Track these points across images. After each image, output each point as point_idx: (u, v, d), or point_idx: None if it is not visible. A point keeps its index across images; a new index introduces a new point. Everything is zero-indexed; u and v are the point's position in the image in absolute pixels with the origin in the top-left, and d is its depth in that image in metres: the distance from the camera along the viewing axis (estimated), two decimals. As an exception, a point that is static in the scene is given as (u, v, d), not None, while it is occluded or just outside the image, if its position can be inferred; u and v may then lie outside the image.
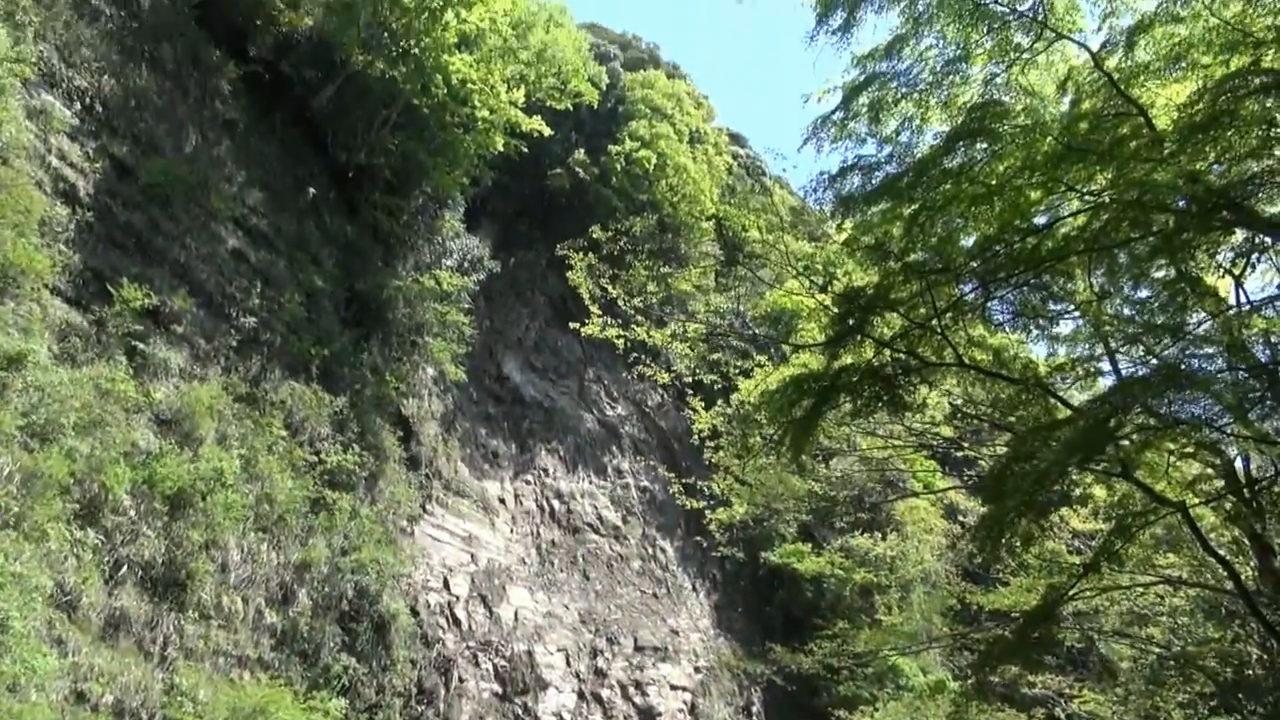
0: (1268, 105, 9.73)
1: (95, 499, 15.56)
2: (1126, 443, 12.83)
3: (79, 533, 14.94)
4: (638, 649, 31.52)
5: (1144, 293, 13.88)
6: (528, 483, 33.10)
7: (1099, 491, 21.49)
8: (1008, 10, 11.74)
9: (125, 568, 15.81)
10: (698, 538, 36.12)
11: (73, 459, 15.13)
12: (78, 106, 20.11)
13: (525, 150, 33.79)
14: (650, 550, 36.24)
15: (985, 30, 12.16)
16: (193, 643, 16.88)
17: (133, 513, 16.26)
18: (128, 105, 21.40)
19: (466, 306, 30.03)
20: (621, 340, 22.15)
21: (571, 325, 25.01)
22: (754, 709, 34.56)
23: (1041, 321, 14.74)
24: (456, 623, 25.69)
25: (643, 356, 25.10)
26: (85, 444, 15.64)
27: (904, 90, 13.15)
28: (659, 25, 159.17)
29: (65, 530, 14.60)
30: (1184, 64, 11.02)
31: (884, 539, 36.30)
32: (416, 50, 29.03)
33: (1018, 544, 14.30)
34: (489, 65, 30.79)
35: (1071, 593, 16.66)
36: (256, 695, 16.14)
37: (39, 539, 13.87)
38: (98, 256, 18.89)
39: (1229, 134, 9.96)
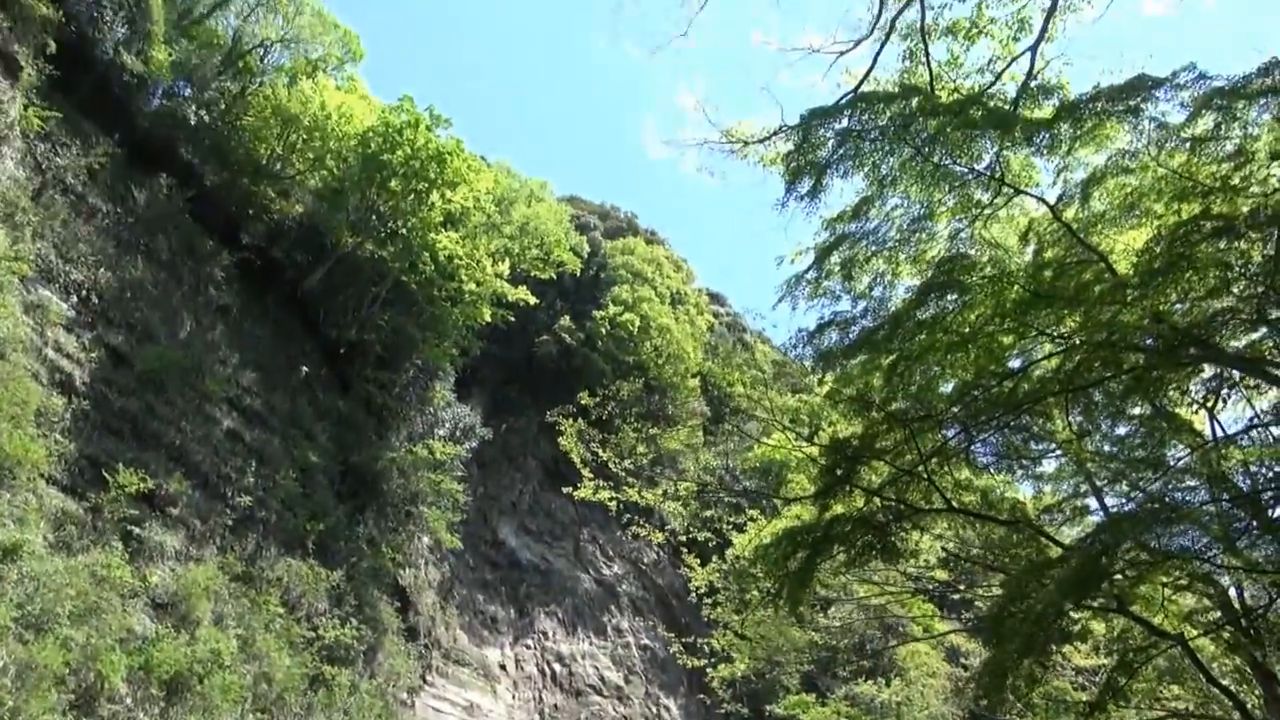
0: (1220, 248, 10.27)
1: (91, 688, 15.39)
2: (1120, 578, 12.96)
3: (74, 725, 14.79)
4: (647, 817, 30.58)
5: (1122, 429, 14.21)
6: (528, 647, 32.65)
7: (1098, 626, 21.40)
8: (966, 170, 12.40)
9: (121, 759, 15.56)
10: (701, 695, 35.41)
11: (68, 648, 15.04)
12: (74, 299, 20.69)
13: (512, 319, 34.60)
14: (654, 710, 35.49)
15: (947, 189, 12.80)
16: (188, 836, 16.45)
17: (129, 700, 16.07)
18: (123, 296, 22.00)
19: (460, 474, 30.23)
20: (614, 502, 22.30)
21: (565, 490, 25.17)
22: None
23: (1025, 462, 14.98)
24: (460, 799, 25.02)
25: (636, 516, 25.17)
26: (80, 633, 15.55)
27: (874, 248, 13.75)
28: (635, 194, 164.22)
29: (60, 722, 14.44)
30: (1138, 212, 11.63)
31: (888, 685, 35.60)
32: (404, 230, 30.05)
33: (1022, 686, 14.24)
34: (474, 241, 31.83)
35: (1080, 732, 16.45)
36: None
37: (33, 734, 13.71)
38: (93, 444, 19.13)
39: (1188, 276, 10.46)
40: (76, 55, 24.00)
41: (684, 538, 25.99)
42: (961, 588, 21.54)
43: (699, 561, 25.19)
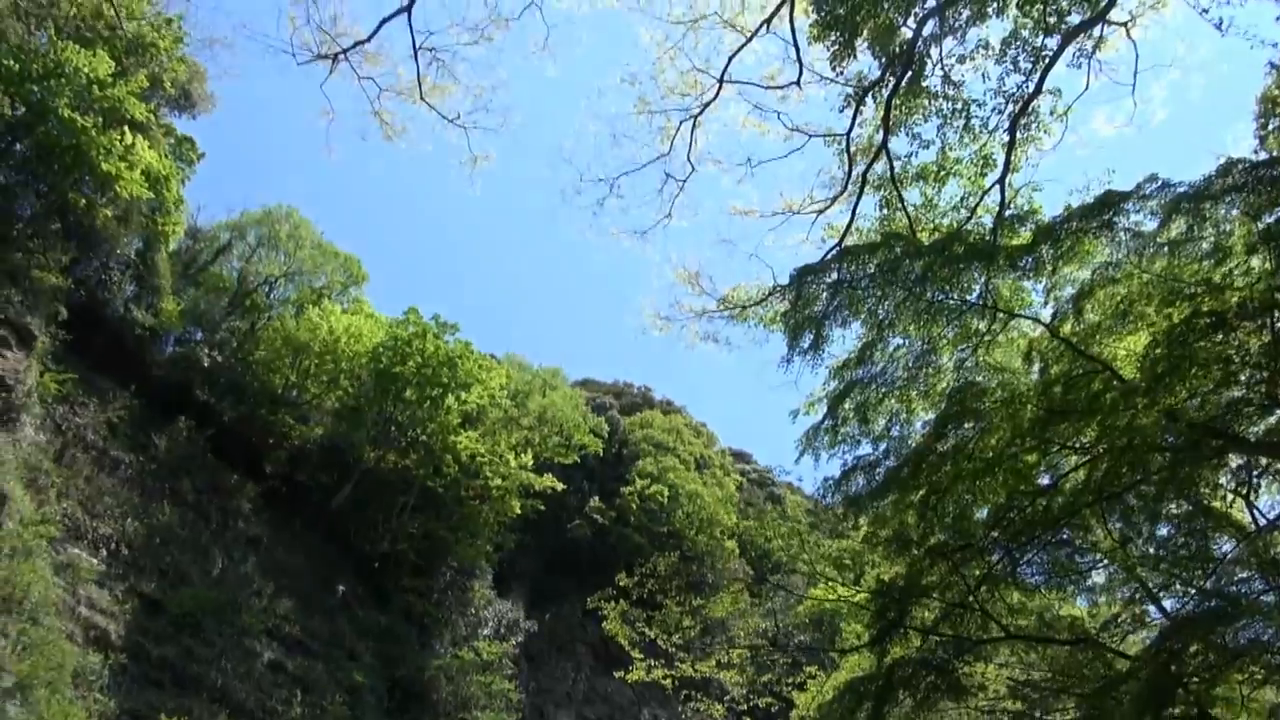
0: (1218, 341, 10.43)
1: None
2: (1195, 683, 12.63)
3: None
4: None
5: (1163, 530, 14.06)
6: None
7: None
8: (959, 302, 12.69)
9: None
10: None
11: None
12: (104, 553, 20.89)
13: (543, 508, 34.64)
14: None
15: (944, 323, 13.08)
16: None
17: None
18: (152, 542, 22.22)
19: (509, 672, 29.76)
20: (669, 679, 21.85)
21: (617, 674, 24.71)
22: None
23: (1073, 576, 14.79)
24: None
25: (693, 691, 24.57)
26: None
27: (884, 389, 13.94)
28: (646, 369, 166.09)
29: None
30: (1131, 318, 11.83)
31: (985, 834, 33.96)
32: (424, 437, 30.49)
33: (1129, 814, 13.69)
34: (494, 437, 32.22)
35: None
36: None
37: None
38: (133, 697, 19.04)
39: (1193, 373, 10.60)
40: (88, 317, 24.95)
41: (745, 706, 25.30)
42: (1037, 715, 20.85)
43: (765, 728, 24.46)
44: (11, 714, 15.34)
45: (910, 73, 14.50)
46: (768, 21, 15.57)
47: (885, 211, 16.06)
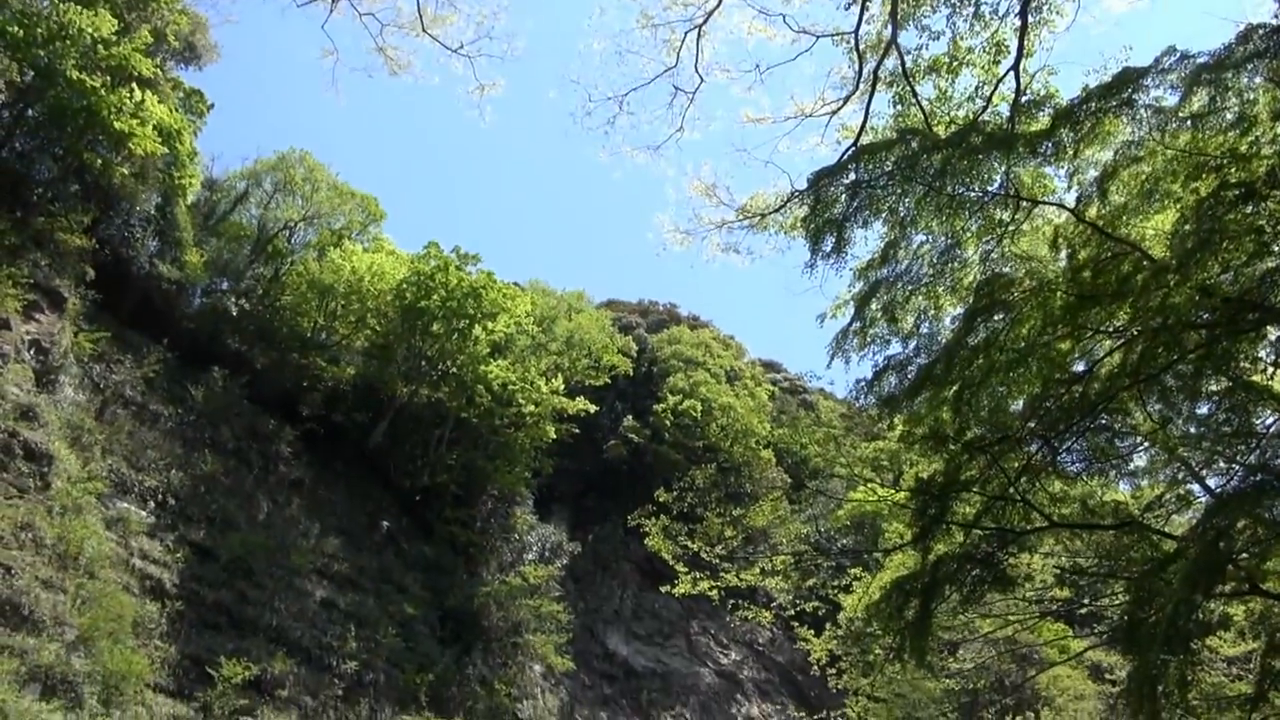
0: (1248, 214, 10.15)
1: None
2: (1244, 557, 12.56)
3: None
4: None
5: (1203, 408, 13.88)
6: (663, 757, 32.12)
7: (1236, 611, 20.62)
8: (980, 194, 12.40)
9: None
10: (849, 768, 34.43)
11: None
12: (151, 505, 21.20)
13: (578, 431, 34.80)
14: (803, 793, 34.56)
15: (967, 216, 12.80)
16: None
17: None
18: (198, 491, 22.52)
19: (557, 594, 30.19)
20: (715, 590, 22.04)
21: (663, 589, 24.99)
22: None
23: (1114, 461, 14.66)
24: None
25: (740, 600, 24.84)
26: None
27: (910, 287, 13.71)
28: (670, 286, 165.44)
29: None
30: (1157, 196, 11.53)
31: (1038, 718, 34.43)
32: (454, 369, 30.57)
33: (1175, 691, 13.72)
34: (524, 364, 32.29)
35: (1251, 726, 15.73)
36: None
37: None
38: (192, 642, 19.44)
39: (1224, 247, 10.33)
40: (115, 275, 25.06)
41: (792, 611, 25.55)
42: (1086, 601, 20.90)
43: (813, 632, 24.73)
44: (76, 666, 15.73)
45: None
46: (767, -82, 15.09)
47: (899, 108, 15.64)
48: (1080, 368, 13.54)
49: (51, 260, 22.40)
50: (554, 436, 33.25)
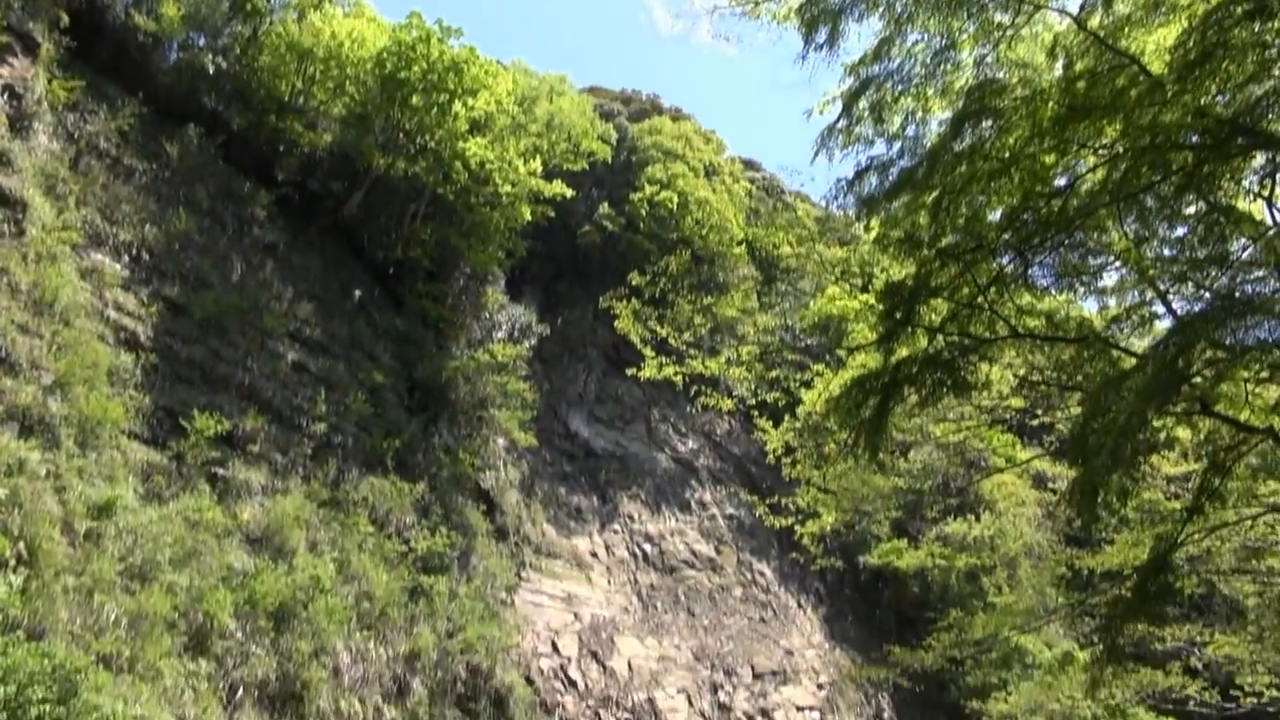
0: (1256, 30, 9.90)
1: (201, 628, 16.11)
2: (1200, 379, 12.86)
3: (191, 664, 15.50)
4: (756, 676, 31.55)
5: (1180, 230, 13.94)
6: (615, 532, 33.46)
7: (1184, 433, 21.28)
8: (981, -7, 12.06)
9: (241, 690, 16.28)
10: (793, 554, 36.16)
11: (174, 594, 15.71)
12: (126, 259, 21.06)
13: (553, 214, 34.58)
14: (749, 576, 36.33)
15: (965, 17, 12.45)
16: (318, 752, 17.28)
17: (239, 634, 16.79)
18: (172, 248, 22.36)
19: (524, 373, 30.65)
20: (679, 376, 22.44)
21: (629, 371, 25.41)
22: (885, 715, 34.32)
23: (1085, 278, 14.80)
24: (572, 684, 26.00)
25: (703, 388, 25.35)
26: (183, 576, 16.23)
27: (900, 87, 13.44)
28: (654, 76, 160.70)
29: (177, 664, 15.14)
30: (1164, 8, 11.22)
31: (978, 520, 36.03)
32: (432, 144, 29.98)
33: (1114, 501, 14.27)
34: (503, 143, 31.70)
35: (1180, 539, 16.48)
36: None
37: (154, 678, 14.39)
38: (166, 394, 19.72)
39: (1224, 65, 10.13)
40: (90, 23, 24.07)
41: (753, 402, 26.15)
42: (1039, 413, 21.51)
43: (771, 423, 25.34)
44: (53, 408, 15.96)
45: None
46: None
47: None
48: (1062, 182, 13.48)
49: (24, 3, 21.40)
50: (529, 218, 33.02)
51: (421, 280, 31.24)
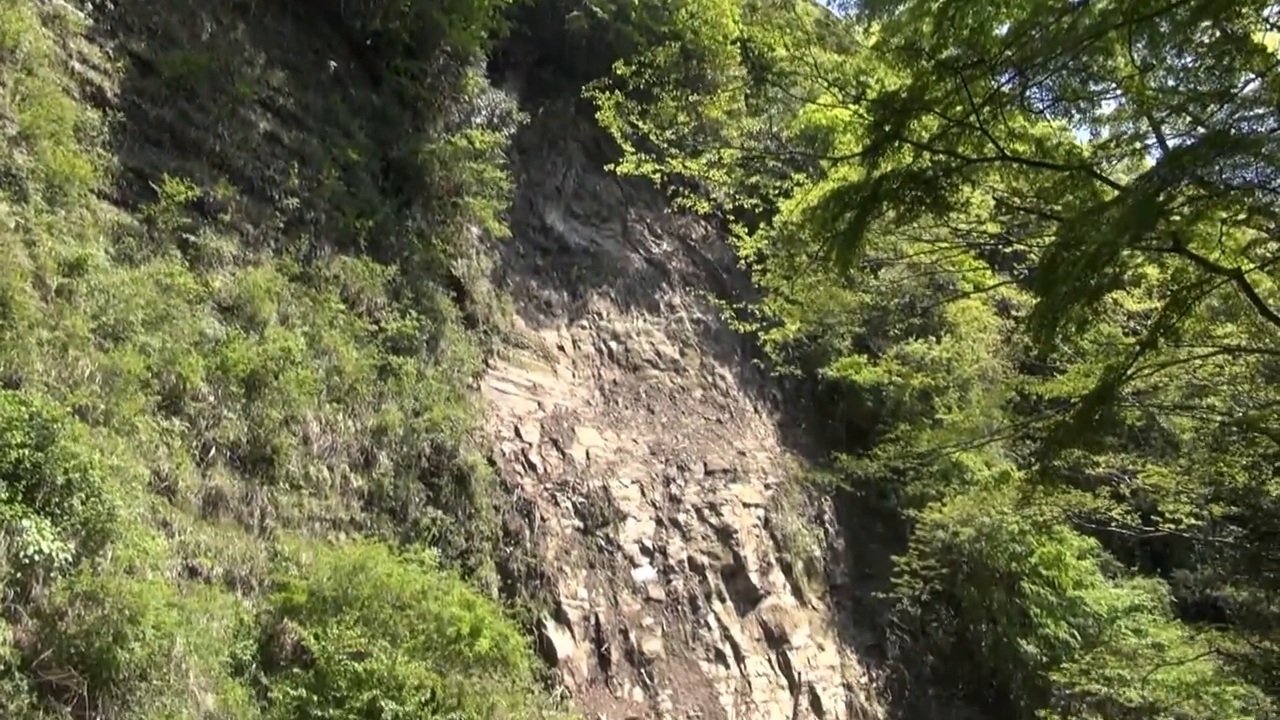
0: None
1: (174, 389, 16.25)
2: (1177, 216, 12.82)
3: (165, 422, 15.75)
4: (708, 473, 32.43)
5: (1188, 60, 13.59)
6: (583, 327, 33.64)
7: (1151, 271, 21.43)
8: None
9: (214, 450, 16.63)
10: (755, 361, 36.66)
11: (147, 354, 15.72)
12: (90, 6, 19.99)
13: (540, -5, 33.16)
14: (710, 379, 36.88)
15: None
16: (288, 512, 17.81)
17: (212, 398, 16.97)
18: (138, 0, 21.27)
19: (501, 162, 29.93)
20: (658, 175, 22.08)
21: (607, 168, 24.96)
22: (825, 517, 35.58)
23: (1082, 104, 14.52)
24: (532, 467, 26.61)
25: (681, 189, 25.00)
26: (156, 339, 16.19)
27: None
28: None
29: (152, 421, 15.38)
30: None
31: (939, 342, 36.61)
32: (416, -96, 28.33)
33: (1072, 330, 14.43)
34: (490, -90, 30.02)
35: (1130, 372, 16.80)
36: (354, 553, 16.96)
37: (129, 432, 14.60)
38: (135, 155, 19.13)
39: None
40: None
41: (730, 208, 25.90)
42: (1013, 240, 21.51)
43: (746, 230, 25.21)
44: (20, 161, 15.44)
45: None
46: None
47: None
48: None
49: None
50: (514, -2, 31.69)
51: (400, 56, 30.02)
